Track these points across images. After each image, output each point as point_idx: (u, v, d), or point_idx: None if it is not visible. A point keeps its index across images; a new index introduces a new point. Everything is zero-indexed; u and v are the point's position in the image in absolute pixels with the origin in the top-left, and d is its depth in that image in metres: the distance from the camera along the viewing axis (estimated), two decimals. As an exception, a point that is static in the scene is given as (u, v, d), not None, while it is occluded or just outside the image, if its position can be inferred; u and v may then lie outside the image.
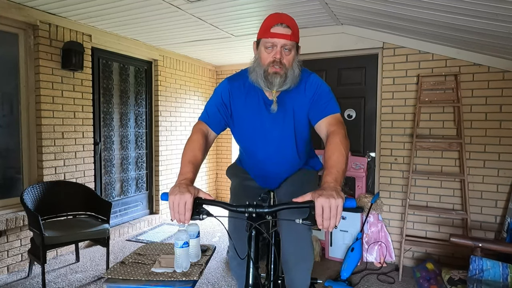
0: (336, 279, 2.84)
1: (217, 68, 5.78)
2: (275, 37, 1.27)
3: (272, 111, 1.38)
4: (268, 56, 1.30)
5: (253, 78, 1.36)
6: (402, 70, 3.16)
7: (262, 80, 1.32)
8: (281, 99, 1.39)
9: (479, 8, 1.93)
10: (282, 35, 1.27)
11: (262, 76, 1.31)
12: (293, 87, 1.37)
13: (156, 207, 4.63)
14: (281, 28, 1.27)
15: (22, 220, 2.95)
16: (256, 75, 1.34)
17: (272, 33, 1.27)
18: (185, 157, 1.26)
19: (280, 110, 1.40)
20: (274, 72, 1.29)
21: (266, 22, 1.31)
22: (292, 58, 1.32)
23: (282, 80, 1.30)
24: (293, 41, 1.29)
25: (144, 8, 2.95)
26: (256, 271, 1.18)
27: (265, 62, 1.31)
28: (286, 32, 1.27)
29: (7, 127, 3.09)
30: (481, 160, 2.93)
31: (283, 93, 1.39)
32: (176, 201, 1.08)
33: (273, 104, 1.37)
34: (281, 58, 1.29)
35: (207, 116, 1.43)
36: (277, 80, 1.30)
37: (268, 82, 1.31)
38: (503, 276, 1.97)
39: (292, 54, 1.31)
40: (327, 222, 0.98)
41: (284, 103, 1.40)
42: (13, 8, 2.91)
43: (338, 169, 1.11)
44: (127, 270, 1.57)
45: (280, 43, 1.28)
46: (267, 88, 1.33)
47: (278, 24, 1.27)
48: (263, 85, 1.33)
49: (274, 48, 1.29)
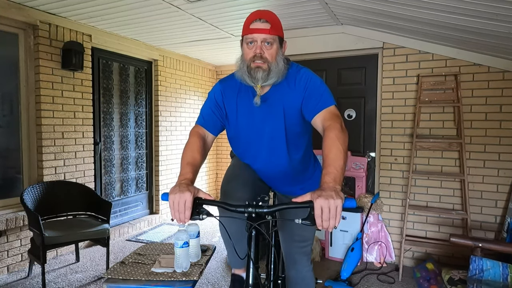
0: (336, 279, 2.84)
1: (217, 68, 5.78)
2: (254, 33, 1.29)
3: (256, 104, 1.37)
4: (249, 52, 1.32)
5: (239, 75, 1.37)
6: (402, 70, 3.16)
7: (246, 75, 1.33)
8: (271, 94, 1.39)
9: (479, 8, 1.93)
10: (260, 29, 1.28)
11: (246, 72, 1.32)
12: (282, 82, 1.37)
13: (156, 207, 4.63)
14: (260, 23, 1.29)
15: (22, 220, 2.95)
16: (241, 72, 1.35)
17: (251, 29, 1.29)
18: (184, 159, 1.27)
19: (270, 105, 1.39)
20: (256, 66, 1.30)
21: (246, 20, 1.33)
22: (274, 51, 1.32)
23: (266, 74, 1.31)
24: (273, 35, 1.30)
25: (144, 8, 2.95)
26: (256, 271, 1.18)
27: (247, 57, 1.32)
28: (264, 26, 1.28)
29: (7, 127, 3.09)
30: (481, 160, 2.93)
31: (273, 88, 1.38)
32: (176, 200, 1.08)
33: (256, 97, 1.37)
34: (262, 52, 1.30)
35: (203, 119, 1.45)
36: (259, 74, 1.30)
37: (252, 77, 1.31)
38: (503, 276, 1.97)
39: (274, 47, 1.32)
40: (327, 223, 0.98)
41: (273, 97, 1.39)
42: (13, 8, 2.91)
43: (337, 167, 1.09)
44: (127, 270, 1.57)
45: (259, 38, 1.29)
46: (252, 83, 1.34)
47: (256, 20, 1.29)
48: (248, 80, 1.34)
49: (254, 44, 1.31)
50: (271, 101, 1.39)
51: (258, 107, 1.39)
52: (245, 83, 1.37)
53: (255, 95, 1.40)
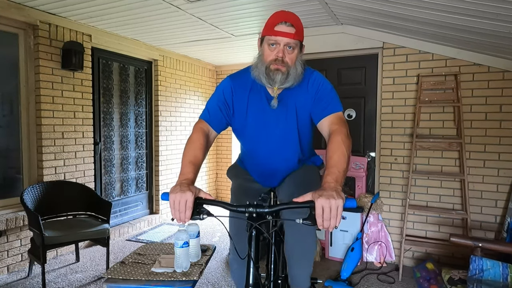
0: (336, 279, 2.84)
1: (217, 68, 5.78)
2: (278, 35, 1.27)
3: (272, 107, 1.38)
4: (270, 54, 1.31)
5: (255, 75, 1.36)
6: (402, 70, 3.16)
7: (264, 76, 1.32)
8: (284, 96, 1.39)
9: (479, 8, 1.93)
10: (285, 33, 1.27)
11: (264, 73, 1.32)
12: (296, 85, 1.37)
13: (156, 207, 4.63)
14: (285, 27, 1.27)
15: (22, 220, 2.95)
16: (258, 72, 1.34)
17: (276, 31, 1.28)
18: (186, 157, 1.26)
19: (282, 107, 1.40)
20: (276, 68, 1.30)
21: (270, 20, 1.31)
22: (295, 56, 1.32)
23: (284, 77, 1.30)
24: (296, 40, 1.30)
25: (144, 8, 2.95)
26: (256, 271, 1.18)
27: (267, 59, 1.31)
28: (290, 30, 1.27)
29: (7, 127, 3.09)
30: (481, 160, 2.93)
31: (286, 90, 1.39)
32: (176, 200, 1.08)
33: (274, 100, 1.37)
34: (284, 56, 1.29)
35: (208, 114, 1.43)
36: (278, 76, 1.30)
37: (270, 78, 1.31)
38: (503, 276, 1.97)
39: (295, 52, 1.32)
40: (327, 223, 0.98)
41: (286, 100, 1.40)
42: (13, 8, 2.91)
43: (339, 168, 1.11)
44: (127, 270, 1.57)
45: (283, 42, 1.28)
46: (269, 84, 1.34)
47: (282, 22, 1.27)
48: (265, 81, 1.33)
49: (277, 46, 1.30)
50: (285, 103, 1.40)
51: (271, 108, 1.40)
52: (260, 83, 1.37)
53: (268, 95, 1.41)
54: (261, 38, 1.37)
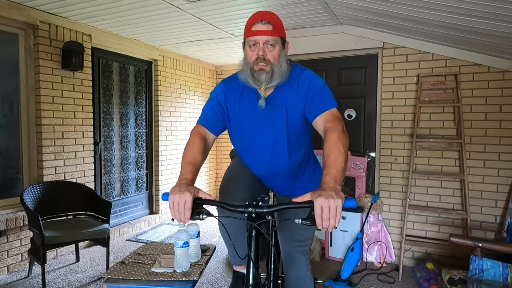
0: (336, 279, 2.84)
1: (217, 68, 5.78)
2: (256, 35, 1.29)
3: (260, 107, 1.38)
4: (252, 54, 1.32)
5: (242, 78, 1.37)
6: (402, 70, 3.16)
7: (250, 78, 1.33)
8: (274, 96, 1.39)
9: (479, 8, 1.93)
10: (262, 31, 1.28)
11: (249, 75, 1.32)
12: (285, 83, 1.37)
13: (156, 207, 4.63)
14: (261, 25, 1.29)
15: (22, 220, 2.95)
16: (245, 74, 1.35)
17: (253, 31, 1.29)
18: (185, 159, 1.27)
19: (272, 107, 1.40)
20: (259, 69, 1.30)
21: (248, 22, 1.33)
22: (277, 53, 1.32)
23: (269, 76, 1.31)
24: (275, 36, 1.30)
25: (144, 8, 2.95)
26: (256, 271, 1.18)
27: (250, 60, 1.32)
28: (266, 28, 1.28)
29: (7, 127, 3.09)
30: (481, 160, 2.93)
31: (276, 90, 1.39)
32: (176, 200, 1.08)
33: (261, 100, 1.37)
34: (264, 54, 1.30)
35: (205, 119, 1.44)
36: (263, 76, 1.30)
37: (256, 79, 1.32)
38: (503, 276, 1.97)
39: (277, 49, 1.32)
40: (327, 223, 0.98)
41: (276, 99, 1.39)
42: (13, 8, 2.91)
43: (337, 167, 1.10)
44: (127, 270, 1.57)
45: (262, 40, 1.29)
46: (256, 85, 1.34)
47: (258, 21, 1.29)
48: (251, 83, 1.34)
49: (257, 46, 1.30)
50: (274, 103, 1.39)
51: (262, 108, 1.39)
52: (249, 85, 1.37)
53: (258, 96, 1.40)
54: (243, 42, 1.38)
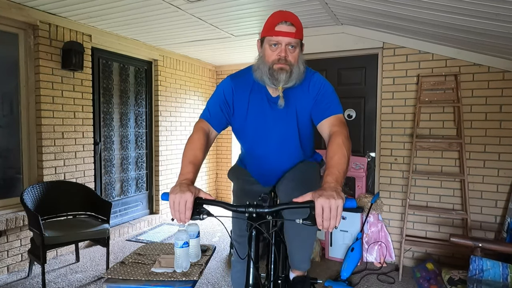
0: (336, 279, 2.84)
1: (217, 68, 5.78)
2: (279, 35, 1.28)
3: (280, 107, 1.38)
4: (272, 54, 1.31)
5: (257, 76, 1.37)
6: (402, 70, 3.16)
7: (267, 77, 1.32)
8: (285, 97, 1.40)
9: (479, 8, 1.93)
10: (286, 33, 1.27)
11: (267, 73, 1.32)
12: (297, 85, 1.37)
13: (156, 207, 4.63)
14: (286, 26, 1.28)
15: (22, 220, 2.95)
16: (261, 73, 1.34)
17: (277, 31, 1.28)
18: (186, 157, 1.27)
19: (283, 108, 1.41)
20: (279, 68, 1.30)
21: (270, 20, 1.31)
22: (297, 55, 1.33)
23: (288, 76, 1.31)
24: (297, 39, 1.31)
25: (144, 8, 2.95)
26: (256, 271, 1.18)
27: (269, 59, 1.32)
28: (290, 30, 1.28)
29: (7, 127, 3.09)
30: (481, 160, 2.93)
31: (287, 91, 1.39)
32: (176, 200, 1.08)
33: (280, 100, 1.37)
34: (286, 56, 1.30)
35: (209, 114, 1.43)
36: (282, 76, 1.30)
37: (274, 78, 1.31)
38: (503, 276, 1.97)
39: (297, 51, 1.33)
40: (327, 223, 0.98)
41: (287, 100, 1.40)
42: (13, 8, 2.91)
43: (339, 169, 1.12)
44: (127, 270, 1.57)
45: (285, 41, 1.29)
46: (273, 84, 1.34)
47: (282, 22, 1.28)
48: (268, 82, 1.34)
49: (279, 46, 1.30)
50: (285, 103, 1.40)
51: (271, 107, 1.40)
52: (263, 84, 1.37)
53: (269, 96, 1.42)
54: (260, 39, 1.37)
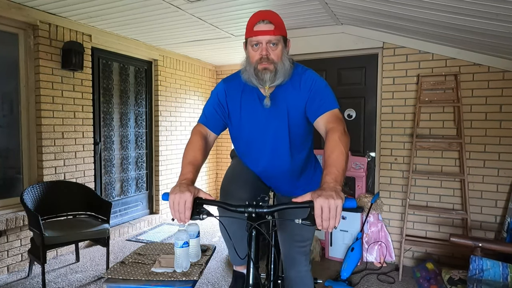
0: (336, 279, 2.84)
1: (217, 68, 5.78)
2: (258, 35, 1.29)
3: (266, 106, 1.38)
4: (255, 54, 1.32)
5: (245, 78, 1.37)
6: (402, 70, 3.16)
7: (253, 77, 1.33)
8: (275, 95, 1.39)
9: (479, 8, 1.93)
10: (265, 31, 1.28)
11: (253, 74, 1.33)
12: (287, 82, 1.37)
13: (156, 207, 4.63)
14: (263, 25, 1.29)
15: (22, 220, 2.95)
16: (248, 74, 1.35)
17: (255, 31, 1.29)
18: (185, 159, 1.27)
19: (273, 107, 1.40)
20: (263, 68, 1.30)
21: (249, 22, 1.33)
22: (280, 52, 1.32)
23: (273, 75, 1.31)
24: (277, 35, 1.30)
25: (144, 8, 2.95)
26: (256, 271, 1.18)
27: (253, 60, 1.32)
28: (268, 28, 1.29)
29: (7, 127, 3.09)
30: (481, 160, 2.93)
31: (277, 89, 1.39)
32: (176, 200, 1.08)
33: (266, 99, 1.37)
34: (268, 54, 1.30)
35: (205, 118, 1.45)
36: (267, 75, 1.31)
37: (259, 78, 1.32)
38: (503, 276, 1.97)
39: (280, 48, 1.32)
40: (327, 223, 0.98)
41: (278, 98, 1.40)
42: (13, 8, 2.91)
43: (338, 168, 1.10)
44: (127, 270, 1.57)
45: (264, 40, 1.29)
46: (260, 85, 1.34)
47: (260, 21, 1.29)
48: (255, 82, 1.34)
49: (260, 46, 1.31)
50: (276, 102, 1.40)
51: (263, 107, 1.40)
52: (252, 85, 1.38)
53: (260, 95, 1.41)
54: (244, 41, 1.38)
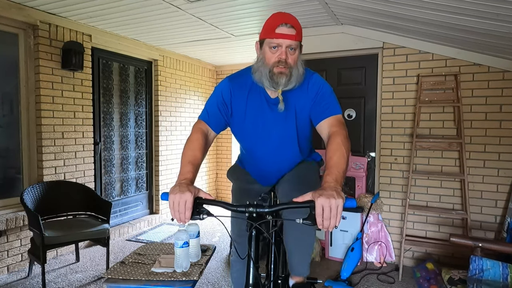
0: (336, 279, 2.84)
1: (217, 68, 5.79)
2: (280, 38, 1.27)
3: (280, 110, 1.38)
4: (272, 56, 1.30)
5: (257, 78, 1.36)
6: (402, 70, 3.16)
7: (267, 79, 1.32)
8: (284, 98, 1.39)
9: (479, 8, 1.93)
10: (287, 35, 1.27)
11: (267, 76, 1.31)
12: (296, 86, 1.37)
13: (156, 207, 4.63)
14: (286, 29, 1.27)
15: (22, 220, 2.95)
16: (261, 75, 1.34)
17: (277, 34, 1.27)
18: (185, 157, 1.27)
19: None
20: (279, 72, 1.30)
21: (270, 22, 1.30)
22: (296, 57, 1.33)
23: (288, 79, 1.31)
24: (297, 41, 1.30)
25: (144, 8, 2.95)
26: (256, 271, 1.18)
27: (269, 62, 1.31)
28: (291, 32, 1.27)
29: (7, 127, 3.09)
30: (481, 160, 2.93)
31: (286, 92, 1.39)
32: (176, 200, 1.08)
33: (280, 103, 1.37)
34: (286, 58, 1.29)
35: (207, 115, 1.43)
36: (283, 80, 1.30)
37: (274, 82, 1.31)
38: (503, 276, 1.97)
39: (297, 53, 1.33)
40: (327, 222, 0.99)
41: (286, 102, 1.40)
42: (13, 8, 2.91)
43: (339, 169, 1.12)
44: (127, 270, 1.57)
45: (285, 44, 1.28)
46: (272, 88, 1.34)
47: (283, 24, 1.27)
48: (268, 84, 1.33)
49: (279, 49, 1.29)
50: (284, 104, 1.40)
51: (270, 108, 1.40)
52: (262, 86, 1.37)
53: (267, 96, 1.42)
54: (259, 41, 1.36)
